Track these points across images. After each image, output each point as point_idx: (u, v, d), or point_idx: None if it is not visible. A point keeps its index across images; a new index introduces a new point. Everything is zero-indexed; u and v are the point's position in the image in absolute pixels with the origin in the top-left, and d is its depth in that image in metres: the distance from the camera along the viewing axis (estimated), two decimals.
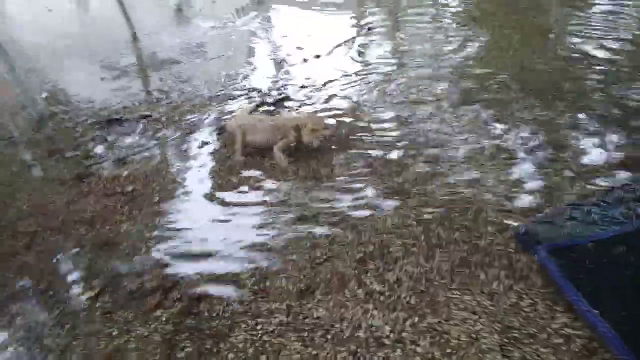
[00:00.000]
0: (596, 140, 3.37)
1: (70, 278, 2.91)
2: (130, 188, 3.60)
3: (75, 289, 2.82)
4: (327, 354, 2.22)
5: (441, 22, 6.00)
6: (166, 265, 2.88)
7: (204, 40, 6.50)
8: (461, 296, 2.37)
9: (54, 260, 3.06)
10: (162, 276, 2.79)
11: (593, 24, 5.21)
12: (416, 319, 2.30)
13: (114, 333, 2.50)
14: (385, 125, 3.91)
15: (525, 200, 2.93)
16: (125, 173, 3.81)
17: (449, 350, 2.13)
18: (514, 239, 2.64)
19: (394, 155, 3.52)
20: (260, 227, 3.06)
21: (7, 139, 4.64)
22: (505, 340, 2.13)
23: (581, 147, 3.33)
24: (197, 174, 3.68)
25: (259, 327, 2.41)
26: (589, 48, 4.67)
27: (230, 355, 2.29)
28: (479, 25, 5.59)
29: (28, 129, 4.74)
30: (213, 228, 3.13)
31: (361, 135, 3.82)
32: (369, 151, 3.62)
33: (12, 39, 7.26)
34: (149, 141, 4.22)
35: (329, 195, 3.22)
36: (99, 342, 2.46)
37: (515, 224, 2.74)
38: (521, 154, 3.34)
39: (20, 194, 3.75)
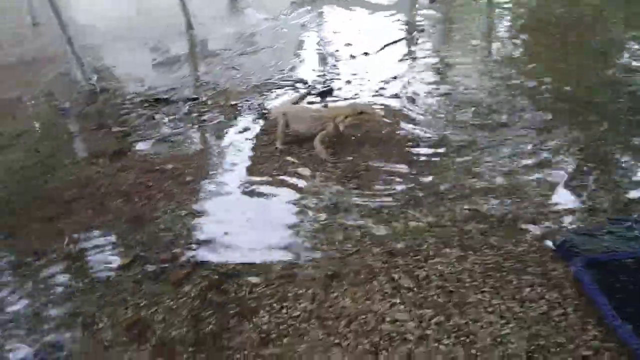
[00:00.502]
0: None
1: (105, 247, 2.99)
2: (170, 166, 3.68)
3: (108, 258, 2.90)
4: (349, 343, 2.21)
5: (493, 32, 5.90)
6: (198, 242, 2.93)
7: (256, 31, 6.57)
8: (490, 299, 2.32)
9: (90, 229, 3.15)
10: (193, 253, 2.84)
11: None
12: (442, 318, 2.26)
13: (142, 304, 2.56)
14: (427, 127, 3.87)
15: (565, 211, 2.85)
16: (167, 152, 3.89)
17: (473, 351, 2.09)
18: (551, 248, 2.57)
19: (434, 156, 3.48)
20: (293, 214, 3.08)
21: (60, 110, 4.81)
22: (532, 347, 2.08)
23: (627, 164, 3.22)
24: (236, 158, 3.72)
25: (284, 310, 2.42)
26: None
27: (254, 335, 2.31)
28: (533, 39, 5.45)
29: (79, 102, 4.90)
30: (246, 211, 3.16)
31: (402, 134, 3.79)
32: (409, 150, 3.59)
33: (72, 18, 7.48)
34: (193, 123, 4.30)
35: (364, 189, 3.21)
36: (127, 312, 2.52)
37: (554, 233, 2.67)
38: (565, 165, 3.25)
39: (66, 163, 3.87)
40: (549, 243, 2.61)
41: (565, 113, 3.82)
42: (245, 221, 3.07)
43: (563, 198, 2.96)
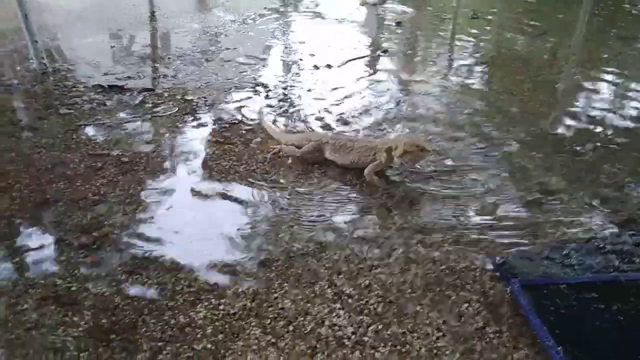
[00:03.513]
0: (586, 191, 3.37)
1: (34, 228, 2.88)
2: (116, 153, 3.57)
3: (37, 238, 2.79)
4: (286, 344, 2.17)
5: (453, 59, 6.06)
6: (137, 233, 2.85)
7: (221, 31, 6.52)
8: (429, 312, 2.34)
9: (27, 208, 3.01)
10: (135, 241, 2.76)
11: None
12: (380, 326, 2.26)
13: (72, 288, 2.45)
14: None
15: (508, 234, 2.92)
16: (116, 138, 3.78)
17: None
18: (491, 268, 2.63)
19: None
20: (238, 215, 3.04)
21: (7, 85, 4.60)
22: None
23: (571, 195, 3.33)
24: (187, 154, 3.65)
25: (221, 307, 2.36)
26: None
27: (188, 329, 2.24)
28: (493, 74, 5.63)
29: (29, 80, 4.71)
30: (192, 207, 3.09)
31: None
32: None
33: None
34: (146, 113, 4.19)
35: (309, 194, 3.23)
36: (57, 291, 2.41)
37: (495, 254, 2.73)
38: (510, 192, 3.34)
39: (8, 141, 3.69)
40: (490, 263, 2.67)
41: (515, 143, 3.94)
42: (188, 218, 2.99)
43: (506, 221, 3.03)
